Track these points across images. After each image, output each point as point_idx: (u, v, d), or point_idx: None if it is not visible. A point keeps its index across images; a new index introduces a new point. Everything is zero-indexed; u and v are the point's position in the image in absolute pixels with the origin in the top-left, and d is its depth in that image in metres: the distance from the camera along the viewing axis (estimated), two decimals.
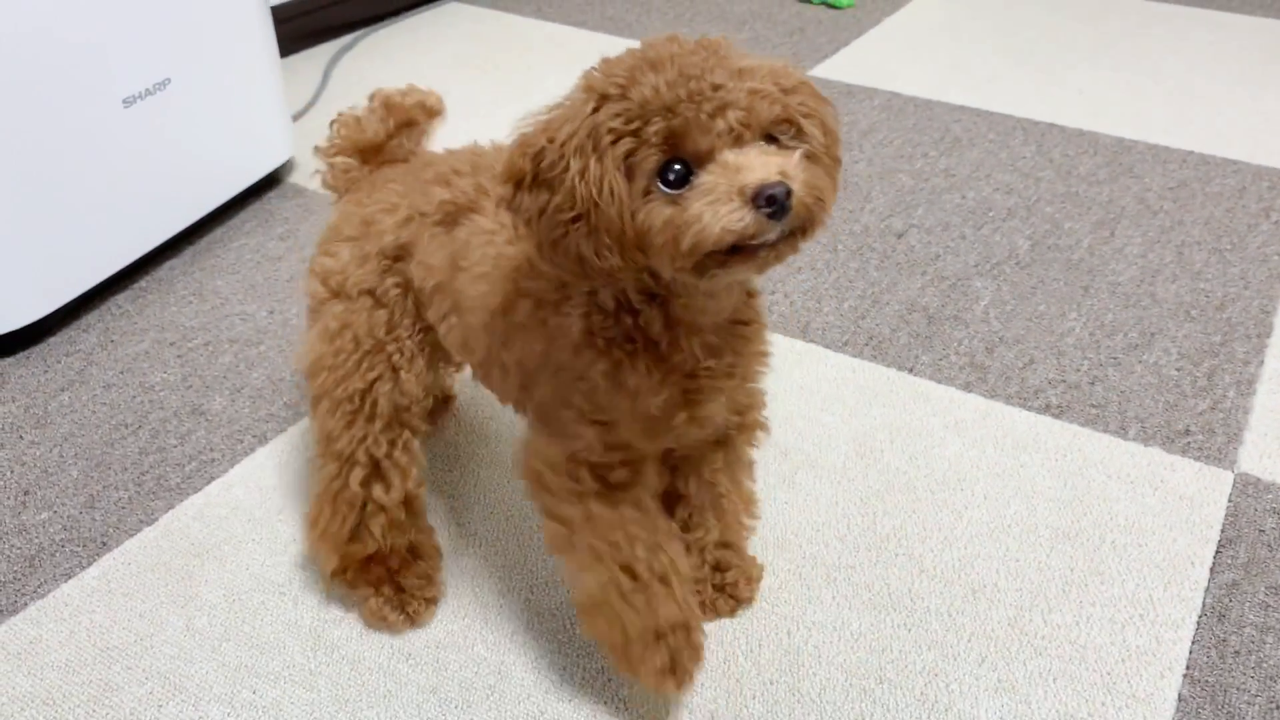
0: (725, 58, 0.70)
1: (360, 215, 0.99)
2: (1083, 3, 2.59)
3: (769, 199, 0.66)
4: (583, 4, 2.60)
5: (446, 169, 0.97)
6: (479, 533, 1.15)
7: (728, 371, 0.85)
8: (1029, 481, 1.20)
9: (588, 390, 0.83)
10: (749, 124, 0.69)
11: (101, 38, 1.40)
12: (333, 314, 0.98)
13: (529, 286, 0.85)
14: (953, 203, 1.75)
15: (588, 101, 0.70)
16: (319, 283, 1.00)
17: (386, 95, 1.05)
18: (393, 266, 0.97)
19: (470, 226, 0.92)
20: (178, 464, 1.25)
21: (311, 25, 2.36)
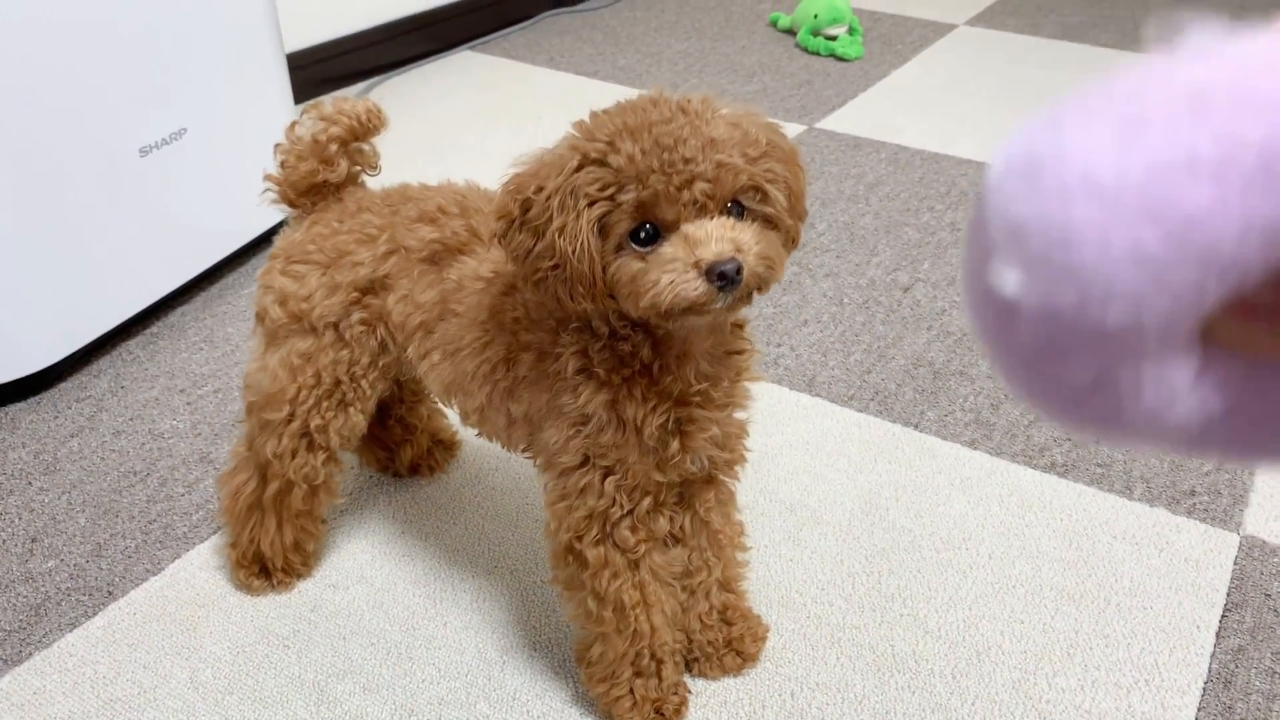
0: (700, 126, 0.75)
1: (333, 242, 1.00)
2: (1088, 57, 2.62)
3: (720, 274, 0.73)
4: (594, 55, 2.63)
5: (433, 207, 0.98)
6: (481, 587, 1.15)
7: (722, 401, 0.88)
8: (1034, 541, 1.20)
9: (592, 431, 0.85)
10: (714, 195, 0.75)
11: (119, 88, 1.43)
12: (296, 349, 1.00)
13: (529, 339, 0.88)
14: (959, 257, 1.76)
15: (572, 157, 0.76)
16: (277, 304, 1.01)
17: (328, 132, 1.01)
18: (361, 300, 0.98)
19: (461, 269, 0.94)
20: (185, 513, 1.25)
21: (326, 73, 2.39)
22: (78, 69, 1.36)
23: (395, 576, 1.16)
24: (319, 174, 1.02)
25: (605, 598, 0.91)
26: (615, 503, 0.88)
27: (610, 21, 2.86)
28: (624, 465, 0.86)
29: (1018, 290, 0.25)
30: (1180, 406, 0.26)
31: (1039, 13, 2.93)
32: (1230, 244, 0.23)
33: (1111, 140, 0.24)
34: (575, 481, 0.88)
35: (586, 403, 0.85)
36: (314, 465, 1.05)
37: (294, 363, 1.01)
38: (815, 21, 2.60)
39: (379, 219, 0.99)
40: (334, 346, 1.00)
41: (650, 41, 2.72)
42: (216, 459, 1.33)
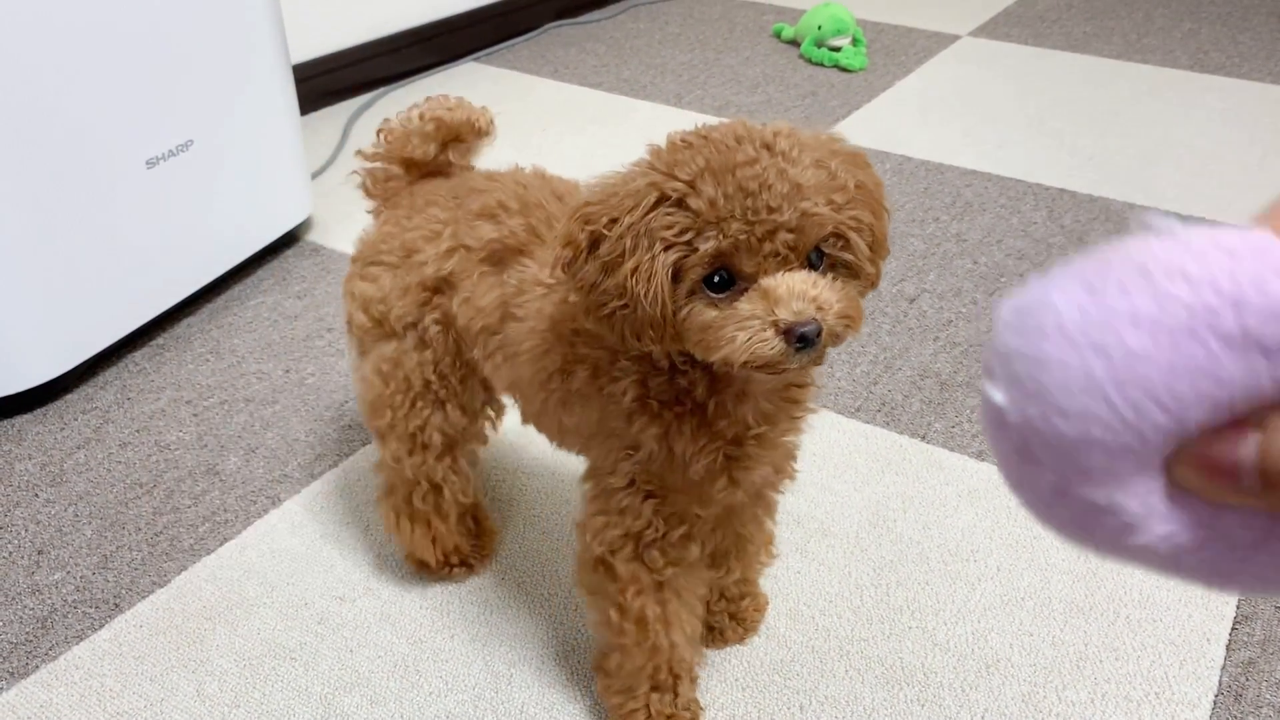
0: (786, 169, 0.70)
1: (401, 240, 1.00)
2: (1094, 68, 2.62)
3: (801, 336, 0.70)
4: (598, 66, 2.64)
5: (494, 202, 0.96)
6: (489, 600, 1.15)
7: (776, 439, 0.86)
8: (1042, 553, 1.20)
9: (643, 459, 0.85)
10: (796, 246, 0.71)
11: (126, 100, 1.43)
12: (383, 355, 1.02)
13: (586, 353, 0.86)
14: (964, 268, 1.76)
15: (650, 193, 0.72)
16: (360, 310, 1.02)
17: (436, 113, 1.04)
18: (432, 299, 0.98)
19: (522, 273, 0.92)
20: (191, 525, 1.25)
21: (332, 84, 2.40)
22: (84, 81, 1.37)
23: (402, 589, 1.16)
24: (410, 147, 1.04)
25: (628, 611, 0.91)
26: (651, 525, 0.87)
27: (614, 33, 2.87)
28: (666, 494, 0.86)
29: (1004, 402, 0.32)
30: (1145, 533, 0.32)
31: (1042, 24, 2.93)
32: (1162, 378, 0.29)
33: (1080, 294, 0.31)
34: (618, 501, 0.87)
35: (640, 432, 0.83)
36: (430, 463, 1.06)
37: (383, 369, 1.02)
38: (819, 33, 2.61)
39: (443, 213, 0.99)
40: (416, 349, 1.00)
41: (654, 53, 2.72)
42: (223, 471, 1.33)
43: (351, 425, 1.40)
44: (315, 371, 1.51)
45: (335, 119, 2.34)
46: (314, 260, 1.79)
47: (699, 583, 0.94)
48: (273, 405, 1.45)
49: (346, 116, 2.34)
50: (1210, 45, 2.77)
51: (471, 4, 2.69)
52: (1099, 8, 3.07)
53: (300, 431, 1.39)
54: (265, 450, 1.36)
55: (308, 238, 1.86)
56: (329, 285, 1.71)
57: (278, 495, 1.29)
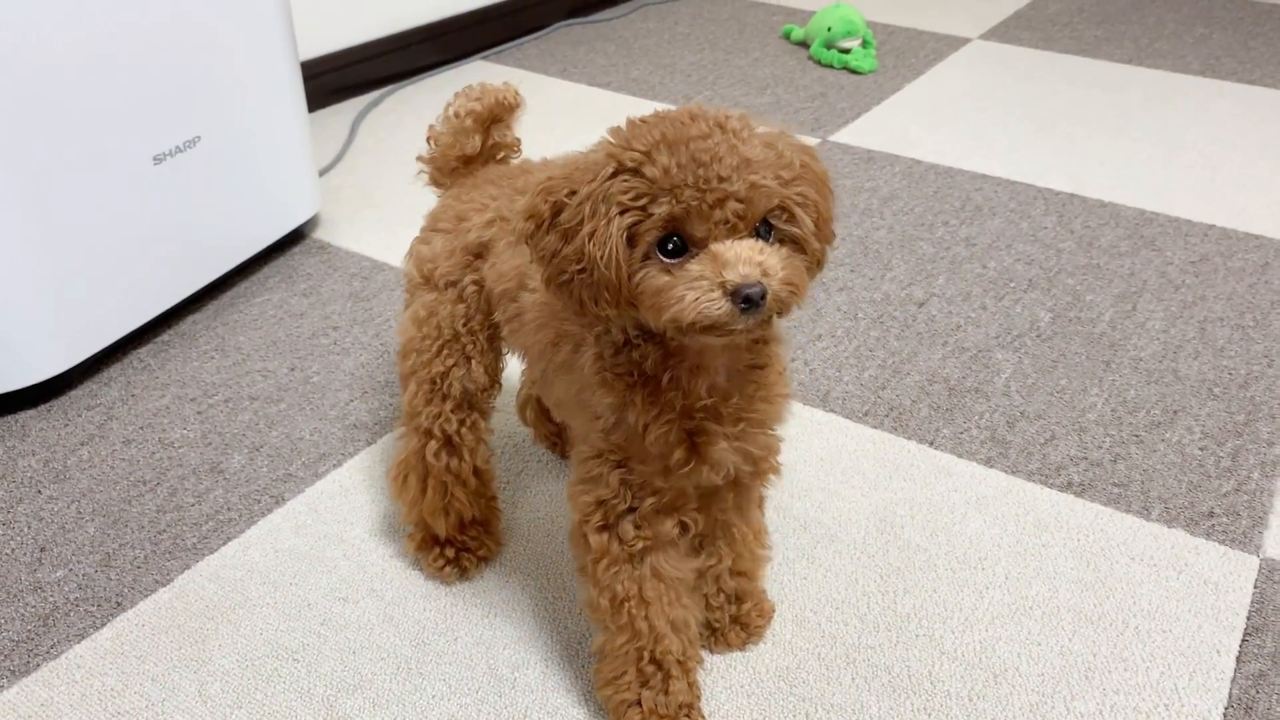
0: (736, 145, 0.75)
1: (455, 209, 1.08)
2: (1105, 73, 2.61)
3: (745, 297, 0.73)
4: (607, 66, 2.63)
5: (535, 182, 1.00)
6: (493, 603, 1.14)
7: (734, 415, 0.87)
8: (1051, 562, 1.19)
9: (603, 428, 0.88)
10: (744, 215, 0.75)
11: (134, 96, 1.42)
12: (423, 302, 1.08)
13: (569, 329, 0.91)
14: (974, 272, 1.75)
15: (607, 164, 0.77)
16: (414, 267, 1.10)
17: (469, 108, 1.10)
18: (473, 263, 1.05)
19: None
20: (194, 523, 1.25)
21: (340, 81, 2.39)
22: (92, 77, 1.36)
23: (406, 590, 1.15)
24: (456, 146, 1.11)
25: (602, 585, 0.93)
26: (618, 495, 0.90)
27: (623, 33, 2.86)
28: (629, 464, 0.89)
29: None
30: None
31: (1053, 27, 2.92)
32: None
33: None
34: (590, 468, 0.91)
35: (599, 402, 0.87)
36: (446, 414, 1.09)
37: (420, 314, 1.08)
38: (829, 34, 2.60)
39: (495, 189, 1.07)
40: (453, 301, 1.06)
41: (663, 53, 2.71)
42: (226, 469, 1.32)
43: (356, 425, 1.40)
44: (320, 370, 1.50)
45: (343, 116, 2.33)
46: (320, 258, 1.78)
47: (683, 568, 0.95)
48: (277, 404, 1.44)
49: (354, 114, 2.33)
50: (1222, 51, 2.75)
51: (481, 2, 2.68)
52: (1110, 12, 3.06)
53: (305, 430, 1.39)
54: (269, 449, 1.36)
55: (314, 235, 1.86)
56: (335, 283, 1.71)
57: (281, 494, 1.29)
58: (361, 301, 1.66)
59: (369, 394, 1.45)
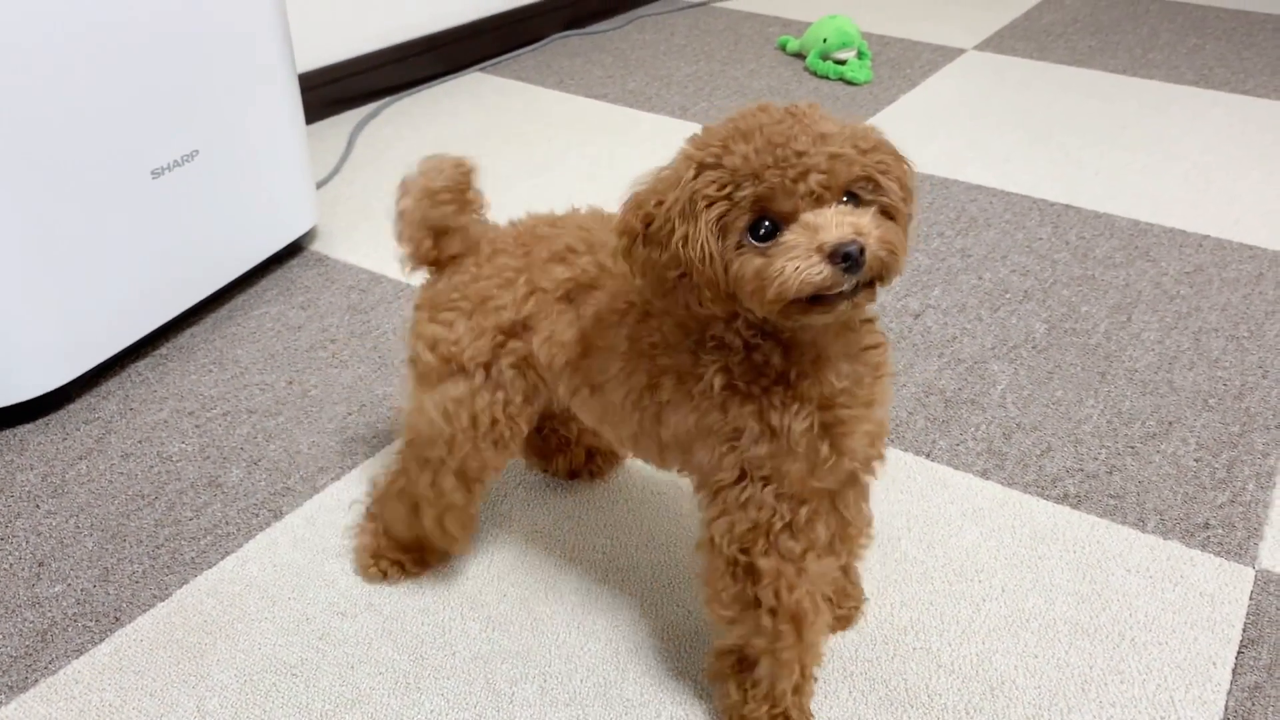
0: (809, 125, 0.77)
1: (474, 288, 1.03)
2: (1099, 83, 2.62)
3: (844, 255, 0.74)
4: (604, 78, 2.64)
5: (562, 246, 1.00)
6: (490, 617, 1.14)
7: (866, 399, 0.89)
8: (1047, 574, 1.19)
9: (746, 444, 0.87)
10: (829, 185, 0.77)
11: (132, 110, 1.43)
12: (450, 394, 1.03)
13: (667, 363, 0.91)
14: (969, 283, 1.76)
15: (689, 168, 0.79)
16: (426, 348, 1.04)
17: (424, 191, 1.03)
18: (506, 343, 1.01)
19: (596, 304, 0.96)
20: (193, 537, 1.25)
21: (337, 93, 2.40)
22: (89, 91, 1.36)
23: (403, 604, 1.16)
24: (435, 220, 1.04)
25: (782, 610, 0.91)
26: (775, 513, 0.89)
27: (620, 44, 2.87)
28: (780, 474, 0.88)
29: None
30: None
31: (1047, 38, 2.93)
32: None
33: None
34: (735, 496, 0.89)
35: (736, 417, 0.87)
36: (462, 500, 1.09)
37: (448, 408, 1.03)
38: (824, 45, 2.61)
39: (514, 261, 1.02)
40: (487, 388, 1.02)
41: (660, 64, 2.72)
42: (225, 483, 1.33)
43: (354, 438, 1.40)
44: (318, 383, 1.51)
45: (341, 128, 2.34)
46: (318, 270, 1.79)
47: (829, 573, 0.96)
48: (275, 417, 1.44)
49: (352, 125, 2.34)
50: (1215, 61, 2.77)
51: (478, 14, 2.69)
52: (1104, 22, 3.07)
53: (303, 444, 1.39)
54: (267, 462, 1.36)
55: (312, 248, 1.86)
56: (332, 296, 1.71)
57: (280, 508, 1.29)
58: (359, 314, 1.67)
59: (366, 407, 1.46)
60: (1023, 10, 3.16)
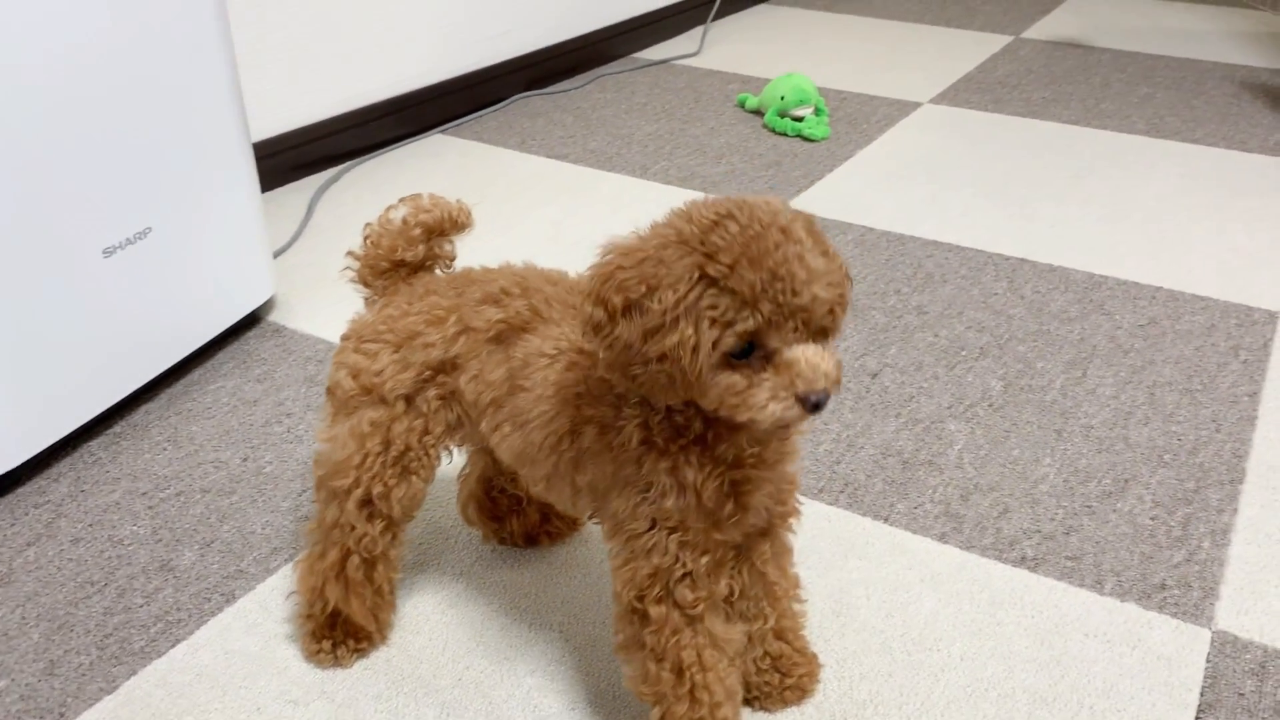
0: (803, 255, 0.81)
1: (402, 323, 1.07)
2: (1053, 134, 2.66)
3: (815, 404, 0.82)
4: (565, 138, 2.66)
5: (496, 289, 1.05)
6: (446, 703, 1.13)
7: (773, 460, 0.94)
8: (1006, 641, 1.19)
9: (656, 496, 0.92)
10: (808, 323, 0.83)
11: (84, 190, 1.42)
12: (368, 417, 1.06)
13: (591, 413, 0.94)
14: (925, 341, 1.77)
15: (692, 270, 0.81)
16: (349, 377, 1.08)
17: (420, 218, 1.10)
18: (434, 378, 1.05)
19: (526, 347, 1.00)
20: (143, 625, 1.23)
21: (296, 159, 2.40)
22: (37, 172, 1.36)
23: (357, 691, 1.14)
24: (398, 252, 1.10)
25: (664, 656, 0.95)
26: (678, 560, 0.93)
27: (581, 104, 2.89)
28: (685, 526, 0.92)
29: None
30: None
31: (1002, 90, 2.98)
32: None
33: None
34: (643, 543, 0.93)
35: (650, 471, 0.91)
36: (372, 535, 1.10)
37: (364, 430, 1.07)
38: (782, 103, 2.64)
39: (446, 301, 1.07)
40: (407, 415, 1.06)
41: (620, 123, 2.75)
42: (177, 566, 1.31)
43: (309, 515, 1.39)
44: (273, 460, 1.49)
45: (301, 194, 2.34)
46: (275, 341, 1.78)
47: (732, 633, 0.98)
48: (230, 496, 1.43)
49: (312, 191, 2.34)
50: (1166, 110, 2.82)
51: (439, 76, 2.71)
52: (1057, 73, 3.13)
53: (257, 524, 1.37)
54: (221, 544, 1.34)
55: (270, 318, 1.85)
56: (289, 368, 1.70)
57: (232, 592, 1.27)
58: (316, 386, 1.66)
59: None
60: (977, 63, 3.22)
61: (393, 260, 1.11)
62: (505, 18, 2.85)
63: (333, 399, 1.10)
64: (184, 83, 1.56)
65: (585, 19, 3.12)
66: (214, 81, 1.62)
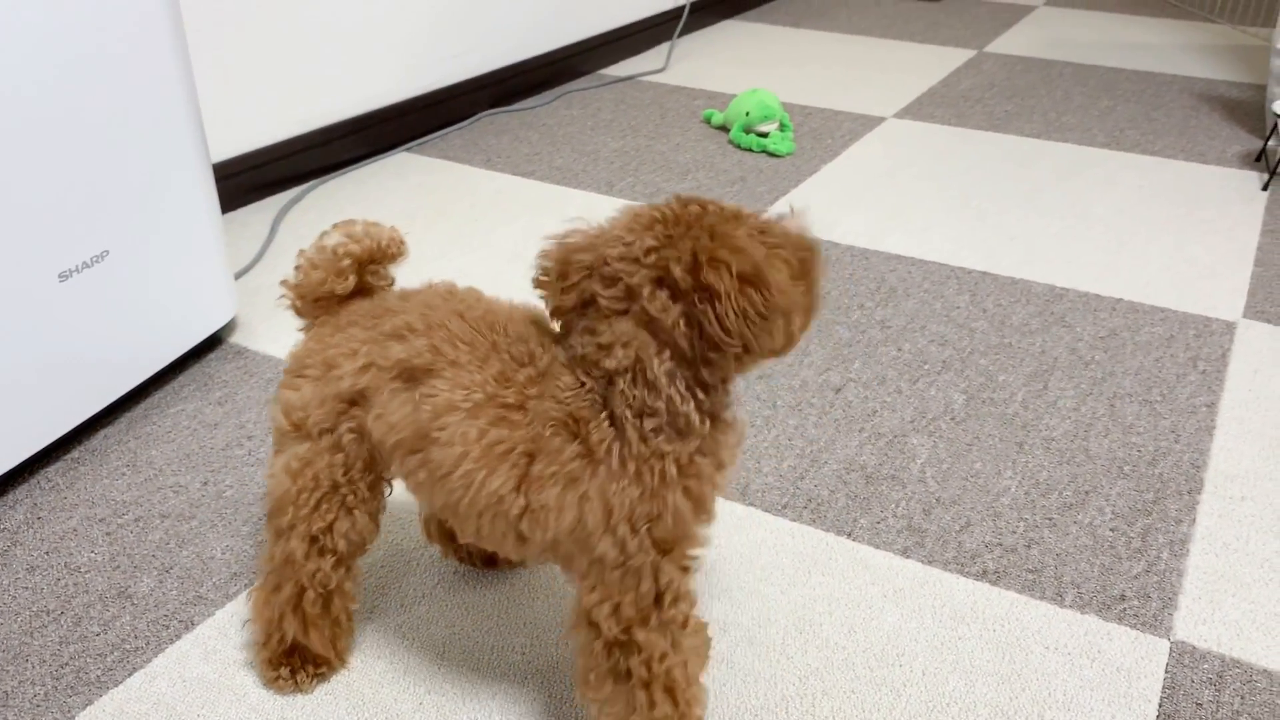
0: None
1: (322, 355, 1.04)
2: (1015, 147, 2.69)
3: None
4: (531, 154, 2.66)
5: (402, 324, 1.00)
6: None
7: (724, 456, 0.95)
8: (967, 655, 1.19)
9: (674, 518, 0.90)
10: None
11: (37, 213, 1.41)
12: (295, 453, 1.05)
13: (553, 470, 0.90)
14: (889, 355, 1.78)
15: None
16: (282, 414, 1.06)
17: (347, 248, 1.06)
18: (349, 410, 1.02)
19: (434, 396, 0.95)
20: (99, 654, 1.21)
21: (260, 178, 2.39)
22: None
23: (318, 718, 1.13)
24: (327, 284, 1.07)
25: (655, 682, 0.94)
26: (670, 580, 0.92)
27: (547, 120, 2.90)
28: (681, 541, 0.92)
29: None
30: None
31: (965, 104, 3.01)
32: None
33: None
34: (622, 577, 0.91)
35: (673, 495, 0.90)
36: (324, 570, 1.09)
37: (293, 466, 1.05)
38: (747, 119, 2.65)
39: (362, 332, 1.03)
40: (329, 450, 1.04)
41: (586, 140, 2.75)
42: (135, 593, 1.29)
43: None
44: (234, 483, 1.48)
45: (264, 213, 2.33)
46: (237, 364, 1.77)
47: (704, 646, 0.99)
48: (189, 521, 1.41)
49: (275, 211, 2.33)
50: (1126, 123, 2.86)
51: (403, 95, 2.71)
52: (1020, 86, 3.16)
53: (216, 549, 1.36)
54: (180, 570, 1.33)
55: (231, 340, 1.84)
56: (251, 390, 1.69)
57: (191, 618, 1.26)
58: None
59: None
60: (940, 77, 3.25)
61: (323, 292, 1.07)
62: (469, 35, 2.86)
63: (274, 433, 1.09)
64: (141, 103, 1.55)
65: (551, 36, 3.13)
66: (172, 101, 1.61)
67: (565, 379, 0.91)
